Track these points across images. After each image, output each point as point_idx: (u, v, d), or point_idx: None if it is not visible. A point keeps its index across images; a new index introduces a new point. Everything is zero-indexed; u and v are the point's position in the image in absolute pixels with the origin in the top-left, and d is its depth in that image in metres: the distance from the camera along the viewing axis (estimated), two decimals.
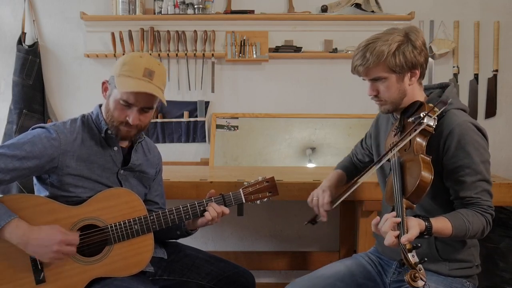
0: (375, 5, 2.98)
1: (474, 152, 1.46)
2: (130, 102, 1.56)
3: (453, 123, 1.49)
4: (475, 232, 1.44)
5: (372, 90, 1.56)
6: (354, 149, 2.01)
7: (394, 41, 1.49)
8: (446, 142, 1.49)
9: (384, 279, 1.68)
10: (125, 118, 1.58)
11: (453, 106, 1.55)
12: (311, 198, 1.81)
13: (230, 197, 1.72)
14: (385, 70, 1.51)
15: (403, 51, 1.49)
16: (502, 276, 2.61)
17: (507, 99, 3.10)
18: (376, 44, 1.49)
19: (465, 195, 1.47)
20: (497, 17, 3.05)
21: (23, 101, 2.98)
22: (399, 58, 1.49)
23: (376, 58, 1.49)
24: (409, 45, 1.50)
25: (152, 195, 1.83)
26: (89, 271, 1.56)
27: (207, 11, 3.00)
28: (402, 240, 1.29)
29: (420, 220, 1.37)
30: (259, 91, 3.12)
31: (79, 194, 1.58)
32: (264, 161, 2.99)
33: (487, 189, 1.48)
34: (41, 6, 3.08)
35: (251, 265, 2.79)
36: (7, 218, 1.43)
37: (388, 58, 1.49)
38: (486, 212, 1.46)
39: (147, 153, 1.79)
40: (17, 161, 1.48)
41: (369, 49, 1.49)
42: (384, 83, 1.53)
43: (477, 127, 1.50)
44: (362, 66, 1.51)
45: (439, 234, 1.41)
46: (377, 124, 1.83)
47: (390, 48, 1.48)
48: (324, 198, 1.76)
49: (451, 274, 1.56)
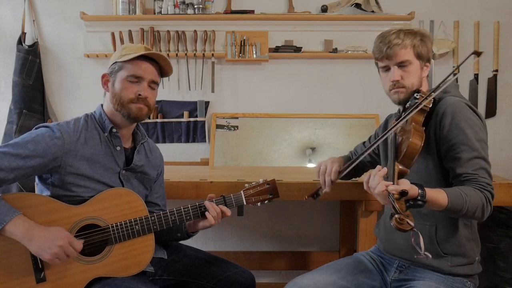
0: (375, 5, 2.99)
1: (468, 129, 1.49)
2: (138, 75, 1.62)
3: (447, 103, 1.54)
4: (473, 207, 1.42)
5: (398, 74, 1.59)
6: (354, 148, 2.02)
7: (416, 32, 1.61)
8: (441, 122, 1.53)
9: (385, 277, 1.69)
10: (134, 93, 1.62)
11: (451, 94, 1.59)
12: (318, 167, 1.81)
13: (231, 199, 1.71)
14: (414, 55, 1.59)
15: (426, 42, 1.61)
16: (502, 276, 2.61)
17: (507, 99, 3.10)
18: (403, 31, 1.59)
19: (462, 171, 1.47)
20: (497, 17, 3.05)
21: (23, 101, 2.99)
22: (424, 47, 1.60)
23: (411, 41, 1.58)
24: (425, 37, 1.61)
25: (153, 197, 1.83)
26: (90, 271, 1.55)
27: (207, 11, 3.00)
28: (389, 188, 1.33)
29: (413, 185, 1.38)
30: (259, 91, 3.12)
31: (80, 194, 1.58)
32: (264, 161, 2.99)
33: (485, 167, 1.48)
34: (41, 6, 3.08)
35: (251, 265, 2.79)
36: (12, 214, 1.43)
37: (418, 44, 1.59)
38: (484, 189, 1.45)
39: (149, 154, 1.79)
40: (20, 159, 1.48)
41: (400, 34, 1.58)
42: (409, 67, 1.59)
43: (471, 107, 1.54)
44: (395, 47, 1.57)
45: (434, 204, 1.40)
46: (385, 125, 1.86)
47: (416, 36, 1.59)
48: (332, 166, 1.77)
49: (452, 271, 1.56)
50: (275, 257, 2.97)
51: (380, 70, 1.67)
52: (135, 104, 1.63)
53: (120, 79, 1.63)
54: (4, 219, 1.42)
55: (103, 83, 1.69)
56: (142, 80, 1.63)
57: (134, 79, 1.62)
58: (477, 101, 3.08)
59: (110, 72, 1.67)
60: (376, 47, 1.63)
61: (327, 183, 1.75)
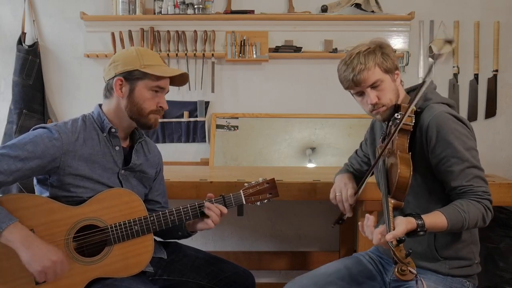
0: (375, 5, 2.99)
1: (456, 140, 1.47)
2: (162, 86, 1.65)
3: (430, 116, 1.51)
4: (474, 221, 1.42)
5: (374, 96, 1.55)
6: (349, 160, 2.00)
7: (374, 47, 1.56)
8: (427, 137, 1.51)
9: (384, 278, 1.69)
10: (156, 104, 1.64)
11: (432, 100, 1.57)
12: (333, 194, 1.80)
13: (230, 198, 1.71)
14: (382, 72, 1.55)
15: (387, 54, 1.56)
16: (502, 276, 2.61)
17: (507, 99, 3.10)
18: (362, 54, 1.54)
19: (456, 184, 1.47)
20: (497, 17, 3.05)
21: (23, 101, 2.99)
22: (389, 60, 1.56)
23: (373, 61, 1.53)
24: (384, 48, 1.57)
25: (153, 195, 1.83)
26: (89, 272, 1.55)
27: (207, 11, 3.00)
28: (387, 237, 1.31)
29: (409, 219, 1.37)
30: (259, 91, 3.12)
31: (79, 194, 1.58)
32: (264, 161, 2.99)
33: (478, 175, 1.47)
34: (41, 6, 3.08)
35: (251, 265, 2.79)
36: (8, 221, 1.42)
37: (381, 60, 1.54)
38: (482, 198, 1.45)
39: (147, 153, 1.79)
40: (19, 161, 1.48)
41: (360, 57, 1.54)
42: (381, 86, 1.55)
43: (455, 116, 1.52)
44: (361, 73, 1.53)
45: (434, 229, 1.40)
46: (372, 130, 1.84)
47: (376, 53, 1.54)
48: (347, 190, 1.76)
49: (450, 273, 1.56)
50: (275, 257, 2.97)
51: (354, 95, 1.63)
52: (154, 115, 1.65)
53: (143, 88, 1.62)
54: (0, 226, 1.41)
55: (116, 88, 1.62)
56: (162, 91, 1.66)
57: (158, 90, 1.64)
58: (477, 101, 3.08)
59: (126, 78, 1.62)
60: (342, 77, 1.59)
61: (347, 209, 1.75)
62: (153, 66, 1.62)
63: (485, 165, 1.53)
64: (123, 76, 1.62)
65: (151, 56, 1.66)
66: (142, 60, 1.62)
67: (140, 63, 1.62)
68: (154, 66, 1.63)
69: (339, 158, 2.96)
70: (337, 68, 1.62)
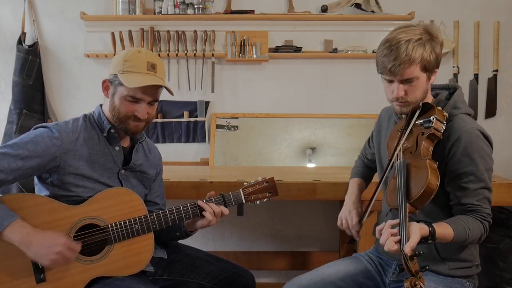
0: (375, 5, 2.99)
1: (480, 160, 1.46)
2: (137, 97, 1.58)
3: (461, 129, 1.47)
4: (473, 238, 1.45)
5: (402, 90, 1.47)
6: (363, 149, 1.98)
7: (427, 40, 1.44)
8: (452, 148, 1.48)
9: (384, 278, 1.68)
10: (133, 112, 1.60)
11: (461, 111, 1.54)
12: (340, 221, 1.78)
13: (230, 197, 1.72)
14: (420, 69, 1.45)
15: (433, 48, 1.45)
16: (502, 276, 2.61)
17: (507, 99, 3.10)
18: (411, 43, 1.42)
19: (467, 201, 1.47)
20: (497, 17, 3.05)
21: (23, 101, 2.98)
22: (433, 55, 1.45)
23: (420, 55, 1.42)
24: (434, 42, 1.46)
25: (152, 196, 1.83)
26: (90, 271, 1.55)
27: (207, 11, 3.00)
28: (406, 250, 1.28)
29: (422, 225, 1.36)
30: (259, 91, 3.12)
31: (80, 194, 1.58)
32: (264, 161, 2.99)
33: (488, 197, 1.49)
34: (41, 6, 3.08)
35: (251, 265, 2.79)
36: (10, 219, 1.42)
37: (427, 55, 1.44)
38: (485, 220, 1.47)
39: (148, 153, 1.79)
40: (20, 160, 1.48)
41: (408, 47, 1.42)
42: (414, 83, 1.47)
43: (484, 134, 1.50)
44: (401, 66, 1.42)
45: (441, 240, 1.41)
46: (378, 122, 1.83)
47: (425, 48, 1.43)
48: (352, 219, 1.74)
49: (450, 273, 1.56)
50: (275, 257, 2.97)
51: (382, 79, 1.53)
52: (133, 122, 1.62)
53: (119, 95, 1.60)
54: (2, 223, 1.41)
55: (103, 89, 1.65)
56: (141, 101, 1.60)
57: (133, 99, 1.59)
58: (477, 101, 3.08)
59: (110, 81, 1.63)
60: (379, 61, 1.47)
61: (354, 235, 1.74)
62: (129, 74, 1.57)
63: None
64: (109, 79, 1.63)
65: (136, 61, 1.58)
66: (123, 65, 1.58)
67: (120, 68, 1.58)
68: (131, 74, 1.57)
69: (339, 158, 2.97)
70: (377, 48, 1.49)
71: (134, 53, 1.61)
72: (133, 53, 1.61)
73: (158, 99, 1.66)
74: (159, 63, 1.63)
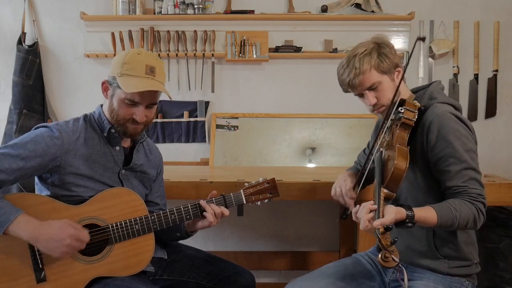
0: (375, 5, 2.99)
1: (456, 141, 1.48)
2: (135, 101, 1.57)
3: (433, 114, 1.52)
4: (464, 220, 1.43)
5: (373, 98, 1.59)
6: (358, 158, 2.02)
7: (372, 48, 1.57)
8: (428, 135, 1.51)
9: (383, 278, 1.69)
10: (131, 115, 1.59)
11: (437, 100, 1.58)
12: (334, 190, 1.81)
13: (231, 198, 1.72)
14: (378, 74, 1.57)
15: (385, 53, 1.57)
16: (502, 276, 2.62)
17: (507, 99, 3.10)
18: (357, 57, 1.56)
19: (452, 184, 1.47)
20: (497, 17, 3.05)
21: (23, 101, 2.98)
22: (386, 60, 1.57)
23: (368, 64, 1.55)
24: (382, 47, 1.58)
25: (153, 196, 1.83)
26: (90, 271, 1.56)
27: (207, 11, 3.00)
28: (374, 223, 1.33)
29: (400, 208, 1.38)
30: (259, 91, 3.12)
31: (80, 194, 1.59)
32: (264, 161, 2.99)
33: (475, 177, 1.48)
34: (41, 6, 3.08)
35: (251, 265, 2.79)
36: (15, 213, 1.43)
37: (377, 62, 1.56)
38: (475, 200, 1.45)
39: (148, 153, 1.79)
40: (20, 160, 1.48)
41: (356, 61, 1.56)
42: (379, 87, 1.58)
43: (457, 116, 1.52)
44: (357, 78, 1.56)
45: (423, 223, 1.41)
46: (376, 127, 1.86)
47: (372, 54, 1.56)
48: (346, 185, 1.77)
49: (450, 272, 1.56)
50: (275, 257, 2.98)
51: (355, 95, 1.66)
52: (131, 124, 1.61)
53: (118, 98, 1.59)
54: (9, 218, 1.42)
55: (103, 90, 1.65)
56: (139, 104, 1.59)
57: (131, 103, 1.58)
58: (477, 101, 3.08)
59: (109, 82, 1.62)
60: (340, 81, 1.63)
61: (348, 203, 1.75)
62: (128, 77, 1.56)
63: (485, 165, 1.54)
64: (108, 80, 1.63)
65: (135, 64, 1.56)
66: (122, 68, 1.57)
67: (119, 71, 1.57)
68: (129, 77, 1.56)
69: (339, 158, 2.97)
70: (337, 71, 1.65)
71: (134, 55, 1.59)
72: (132, 55, 1.59)
73: (157, 102, 1.64)
74: (159, 65, 1.61)
